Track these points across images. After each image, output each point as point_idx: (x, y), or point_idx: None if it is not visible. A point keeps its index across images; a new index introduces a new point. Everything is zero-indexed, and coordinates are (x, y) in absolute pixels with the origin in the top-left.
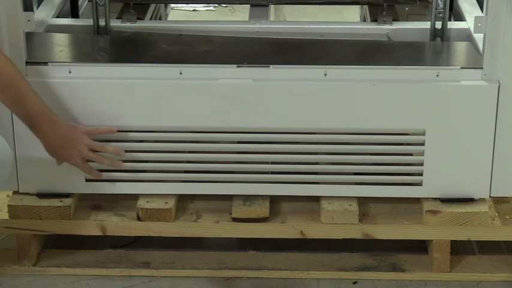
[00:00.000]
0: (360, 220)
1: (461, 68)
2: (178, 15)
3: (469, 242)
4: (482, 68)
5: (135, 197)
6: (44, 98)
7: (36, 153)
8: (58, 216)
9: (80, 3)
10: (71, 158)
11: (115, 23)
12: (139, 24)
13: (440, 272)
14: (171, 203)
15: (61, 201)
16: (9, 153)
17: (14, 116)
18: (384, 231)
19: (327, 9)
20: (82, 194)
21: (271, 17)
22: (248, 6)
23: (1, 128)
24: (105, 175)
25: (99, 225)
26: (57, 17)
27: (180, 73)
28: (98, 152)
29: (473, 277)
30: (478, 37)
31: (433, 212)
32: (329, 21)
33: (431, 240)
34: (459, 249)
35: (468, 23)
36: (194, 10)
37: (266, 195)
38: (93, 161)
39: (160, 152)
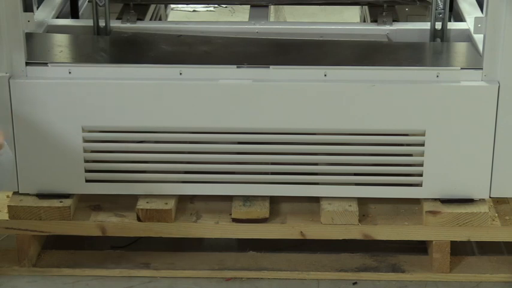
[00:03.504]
0: (359, 221)
1: (461, 68)
2: (178, 15)
3: (469, 242)
4: (482, 68)
5: (135, 197)
6: (43, 98)
7: (36, 154)
8: (58, 217)
9: (80, 3)
10: None
11: (115, 24)
12: (139, 24)
13: (440, 272)
14: (170, 204)
15: (61, 201)
16: (10, 156)
17: (14, 116)
18: (384, 231)
19: (326, 10)
20: (82, 194)
21: (271, 18)
22: (248, 6)
23: (1, 129)
24: (105, 176)
25: (99, 225)
26: (57, 17)
27: (180, 74)
28: None
29: (473, 278)
30: (478, 38)
31: (433, 213)
32: (329, 22)
33: (431, 241)
34: (459, 249)
35: (468, 24)
36: (194, 11)
37: (266, 196)
38: None
39: (160, 153)
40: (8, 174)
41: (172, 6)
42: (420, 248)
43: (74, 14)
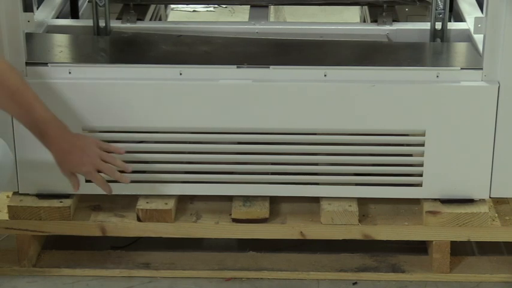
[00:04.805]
0: (359, 221)
1: (461, 68)
2: (178, 16)
3: (468, 242)
4: (482, 68)
5: (134, 197)
6: (44, 99)
7: (36, 154)
8: (58, 217)
9: (79, 4)
10: (83, 166)
11: (115, 24)
12: (139, 25)
13: (440, 272)
14: (170, 204)
15: (61, 201)
16: (10, 157)
17: None
18: (384, 232)
19: (326, 10)
20: (82, 194)
21: (271, 18)
22: (248, 7)
23: (1, 129)
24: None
25: (98, 225)
26: (57, 17)
27: (180, 74)
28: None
29: (473, 278)
30: (478, 38)
31: (433, 213)
32: (329, 22)
33: (431, 241)
34: (459, 250)
35: (468, 24)
36: (194, 11)
37: (266, 196)
38: (103, 172)
39: (160, 153)
40: (8, 176)
41: (172, 6)
42: (420, 248)
43: (74, 14)
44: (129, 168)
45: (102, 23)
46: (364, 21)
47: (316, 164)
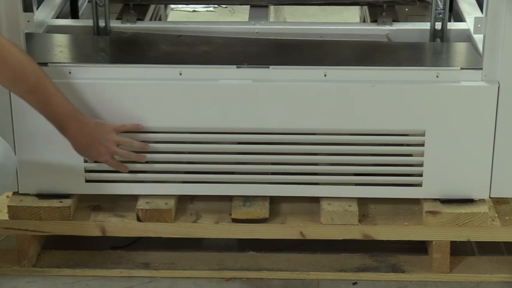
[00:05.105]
0: (359, 221)
1: (461, 68)
2: (178, 16)
3: (468, 242)
4: (482, 68)
5: (134, 197)
6: None
7: (36, 154)
8: (58, 217)
9: (79, 4)
10: (100, 156)
11: (115, 24)
12: (139, 25)
13: (440, 272)
14: (170, 204)
15: (61, 201)
16: (13, 159)
17: (14, 116)
18: (384, 232)
19: (326, 10)
20: (82, 194)
21: (271, 18)
22: (248, 7)
23: (1, 129)
24: (105, 176)
25: (98, 225)
26: (57, 17)
27: (180, 74)
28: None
29: (473, 278)
30: (478, 38)
31: (433, 213)
32: (329, 22)
33: (431, 241)
34: (459, 250)
35: (468, 24)
36: (194, 11)
37: (266, 196)
38: (121, 157)
39: (160, 153)
40: (11, 178)
41: (172, 6)
42: (420, 248)
43: (74, 14)
44: (147, 147)
45: (102, 23)
46: (364, 21)
47: (316, 164)
